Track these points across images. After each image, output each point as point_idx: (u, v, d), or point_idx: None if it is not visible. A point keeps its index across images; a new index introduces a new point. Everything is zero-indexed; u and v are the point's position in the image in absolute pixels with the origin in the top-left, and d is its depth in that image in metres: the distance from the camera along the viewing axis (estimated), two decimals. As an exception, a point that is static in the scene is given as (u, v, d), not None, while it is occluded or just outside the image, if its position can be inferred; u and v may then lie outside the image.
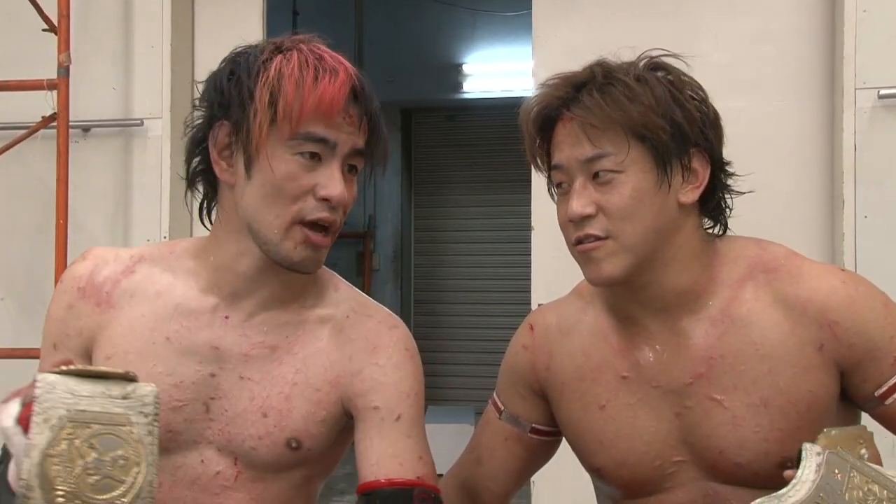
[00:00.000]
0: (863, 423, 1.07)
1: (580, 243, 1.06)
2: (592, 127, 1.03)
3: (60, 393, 0.83)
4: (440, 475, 1.13)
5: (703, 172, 1.06)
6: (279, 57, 1.01)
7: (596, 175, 1.04)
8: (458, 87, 5.49)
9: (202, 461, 1.06)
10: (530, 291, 2.76)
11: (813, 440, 0.99)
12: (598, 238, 1.04)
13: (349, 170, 1.04)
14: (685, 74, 1.08)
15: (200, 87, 1.08)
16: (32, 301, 2.85)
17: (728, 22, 2.62)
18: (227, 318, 1.07)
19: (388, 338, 1.09)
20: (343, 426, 1.10)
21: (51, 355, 1.13)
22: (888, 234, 2.43)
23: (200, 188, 1.12)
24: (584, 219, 1.04)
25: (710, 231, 1.12)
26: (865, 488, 0.90)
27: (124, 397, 0.84)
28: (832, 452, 0.92)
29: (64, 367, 0.85)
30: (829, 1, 2.57)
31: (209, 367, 1.06)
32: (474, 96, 5.55)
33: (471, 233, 5.91)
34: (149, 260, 1.12)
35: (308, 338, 1.08)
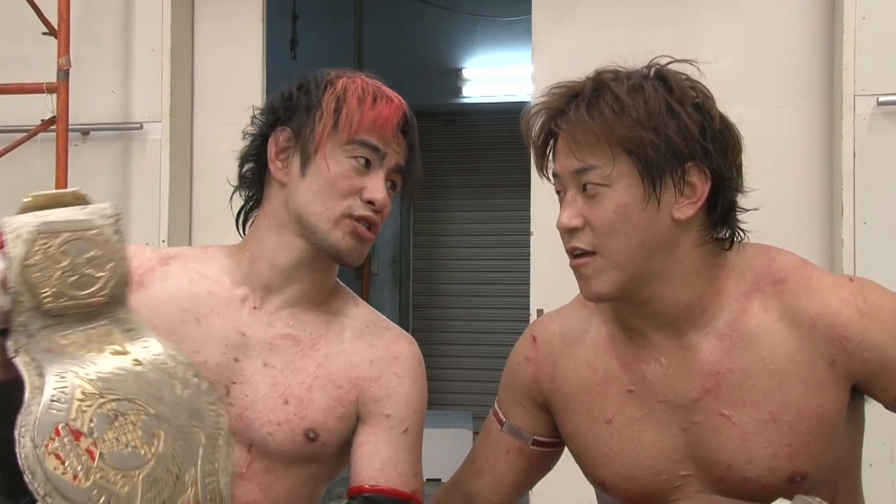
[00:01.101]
0: (866, 422, 1.07)
1: (572, 256, 1.06)
2: (576, 141, 1.02)
3: (27, 216, 0.91)
4: (438, 480, 1.14)
5: (701, 187, 1.03)
6: (344, 79, 1.14)
7: (585, 187, 1.03)
8: (457, 91, 5.50)
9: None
10: (529, 296, 2.77)
11: (822, 454, 0.99)
12: (585, 252, 1.03)
13: (390, 186, 1.14)
14: (693, 82, 1.05)
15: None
16: None
17: (728, 28, 2.63)
18: (255, 308, 1.12)
19: (408, 351, 1.15)
20: (356, 427, 1.12)
21: None
22: (887, 240, 2.44)
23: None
24: (572, 231, 1.04)
25: (719, 241, 1.08)
26: None
27: (84, 208, 0.93)
28: None
29: (23, 201, 0.94)
30: (828, 8, 2.58)
31: (234, 353, 1.10)
32: (474, 101, 5.56)
33: (470, 237, 5.90)
34: (181, 258, 1.17)
35: (331, 337, 1.13)
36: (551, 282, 2.69)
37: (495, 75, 5.40)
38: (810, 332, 1.02)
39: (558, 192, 1.09)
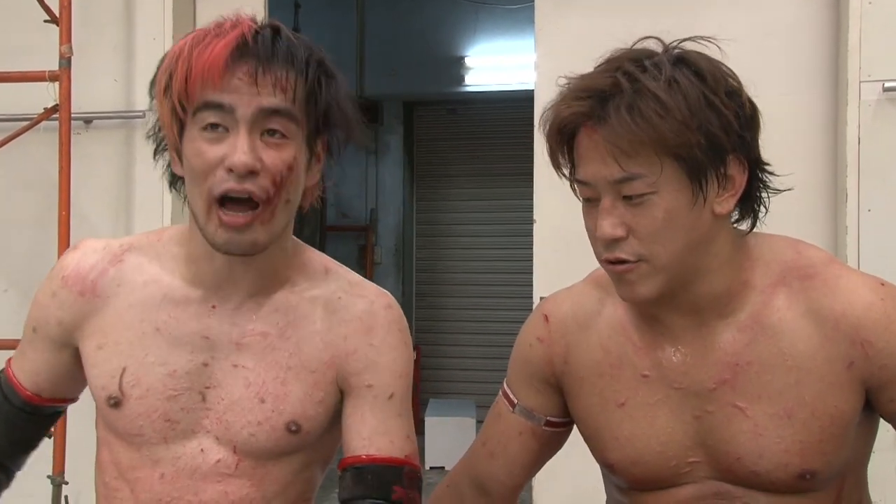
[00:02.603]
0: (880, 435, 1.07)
1: (611, 262, 1.01)
2: (620, 149, 0.95)
3: None
4: (442, 468, 1.13)
5: (740, 178, 1.01)
6: (183, 39, 0.98)
7: (627, 195, 0.98)
8: (460, 80, 5.48)
9: (202, 450, 1.06)
10: (532, 285, 2.76)
11: (834, 453, 0.99)
12: (629, 261, 0.99)
13: (270, 134, 0.96)
14: (717, 64, 1.01)
15: None
16: (35, 292, 2.85)
17: (732, 14, 2.61)
18: (214, 307, 1.07)
19: (383, 318, 1.09)
20: (339, 407, 1.10)
21: (30, 337, 1.15)
22: (892, 227, 2.43)
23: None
24: (615, 241, 0.99)
25: (739, 227, 1.07)
26: None
27: None
28: None
29: None
30: None
31: (201, 357, 1.06)
32: (476, 89, 5.55)
33: (473, 226, 5.90)
34: (137, 248, 1.11)
35: (300, 322, 1.08)
36: (554, 270, 2.68)
37: (498, 63, 5.38)
38: (833, 332, 1.01)
39: (587, 200, 1.03)
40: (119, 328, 1.07)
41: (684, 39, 1.03)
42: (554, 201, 2.68)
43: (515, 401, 1.19)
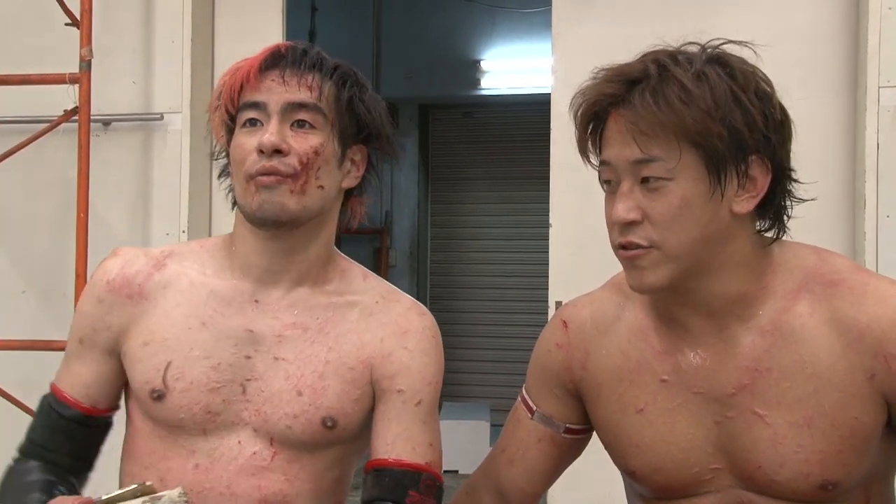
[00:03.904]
0: None
1: (623, 248, 1.02)
2: (640, 131, 0.97)
3: None
4: (456, 471, 1.14)
5: (762, 181, 1.00)
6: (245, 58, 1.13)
7: (645, 179, 0.99)
8: (475, 83, 5.50)
9: (239, 442, 1.09)
10: (547, 288, 2.77)
11: (856, 465, 0.98)
12: (640, 246, 1.00)
13: (300, 125, 1.08)
14: (752, 68, 1.01)
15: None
16: (53, 293, 2.89)
17: (750, 18, 2.61)
18: (257, 302, 1.12)
19: (418, 323, 1.15)
20: (373, 408, 1.13)
21: (76, 351, 1.15)
22: (910, 234, 2.42)
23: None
24: (628, 224, 1.00)
25: (766, 235, 1.06)
26: None
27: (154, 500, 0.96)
28: None
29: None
30: None
31: (245, 350, 1.10)
32: (492, 93, 5.56)
33: (488, 229, 5.91)
34: (178, 255, 1.16)
35: (338, 319, 1.13)
36: (570, 274, 2.69)
37: (513, 67, 5.39)
38: (856, 342, 0.99)
39: (606, 182, 1.04)
40: (165, 325, 1.11)
41: (723, 42, 1.03)
42: (570, 205, 2.73)
43: (535, 407, 1.19)
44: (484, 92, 5.55)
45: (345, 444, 1.13)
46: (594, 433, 1.19)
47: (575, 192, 2.69)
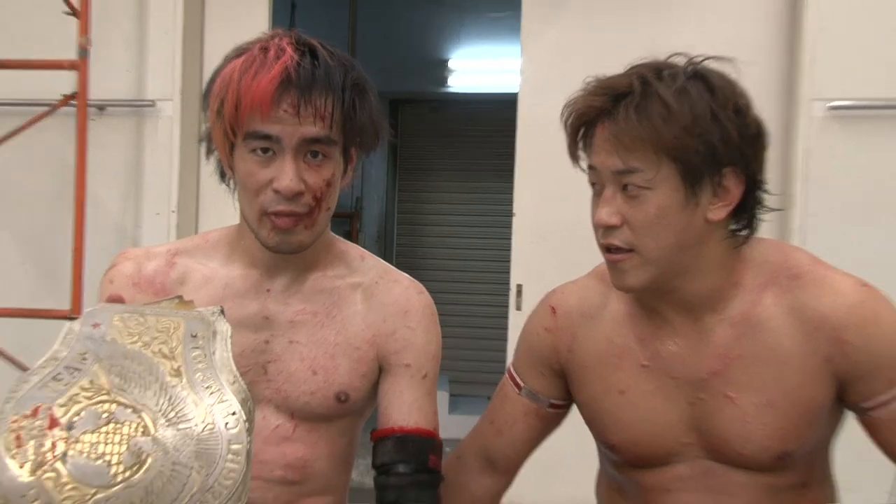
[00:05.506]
0: (848, 424, 1.14)
1: (608, 251, 1.07)
2: (622, 144, 1.01)
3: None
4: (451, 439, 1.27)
5: (735, 191, 1.04)
6: (234, 61, 1.05)
7: (625, 187, 1.03)
8: (443, 81, 5.58)
9: (263, 417, 1.16)
10: (507, 272, 2.90)
11: (808, 436, 1.07)
12: (620, 249, 1.05)
13: (313, 156, 1.05)
14: (732, 84, 1.05)
15: (209, 72, 1.12)
16: (50, 265, 2.97)
17: (701, 30, 2.76)
18: (268, 290, 1.16)
19: (418, 302, 1.20)
20: (378, 380, 1.20)
21: None
22: (833, 230, 2.63)
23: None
24: (610, 228, 1.05)
25: (737, 234, 1.10)
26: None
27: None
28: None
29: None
30: (791, 18, 2.75)
31: (263, 335, 1.15)
32: (458, 90, 5.67)
33: (451, 217, 6.04)
34: (184, 252, 1.19)
35: (343, 303, 1.18)
36: (530, 259, 2.82)
37: (479, 67, 5.49)
38: (815, 330, 1.05)
39: (593, 184, 1.09)
40: None
41: (707, 58, 1.07)
42: (532, 196, 2.85)
43: (522, 384, 1.25)
44: (451, 89, 5.64)
45: (354, 414, 1.20)
46: (574, 406, 1.27)
47: (537, 184, 2.81)
